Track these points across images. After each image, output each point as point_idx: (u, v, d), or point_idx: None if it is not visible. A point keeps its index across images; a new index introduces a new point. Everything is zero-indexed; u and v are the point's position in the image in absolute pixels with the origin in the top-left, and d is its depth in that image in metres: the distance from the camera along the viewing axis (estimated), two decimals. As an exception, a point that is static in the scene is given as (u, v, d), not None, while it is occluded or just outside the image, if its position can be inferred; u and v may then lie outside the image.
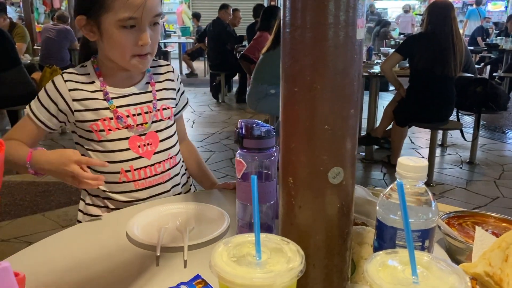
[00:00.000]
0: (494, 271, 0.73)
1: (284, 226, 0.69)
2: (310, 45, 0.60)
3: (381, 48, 6.79)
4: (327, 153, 0.63)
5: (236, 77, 7.62)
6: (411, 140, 5.36)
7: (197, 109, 7.00)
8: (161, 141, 1.33)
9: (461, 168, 4.46)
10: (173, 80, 1.40)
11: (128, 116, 1.27)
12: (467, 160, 4.59)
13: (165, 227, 1.04)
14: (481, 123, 6.26)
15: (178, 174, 1.40)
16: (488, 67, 8.77)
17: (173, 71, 1.42)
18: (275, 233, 0.71)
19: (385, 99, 6.46)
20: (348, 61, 0.60)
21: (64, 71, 1.27)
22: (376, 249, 0.70)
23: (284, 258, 0.59)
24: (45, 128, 1.26)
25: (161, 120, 1.33)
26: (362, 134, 4.77)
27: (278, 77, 1.48)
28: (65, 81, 1.24)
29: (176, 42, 10.90)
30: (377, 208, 0.67)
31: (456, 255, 0.92)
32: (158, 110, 1.32)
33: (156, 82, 1.35)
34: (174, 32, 12.02)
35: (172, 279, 0.87)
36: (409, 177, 0.63)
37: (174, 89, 1.40)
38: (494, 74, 7.99)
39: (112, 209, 1.31)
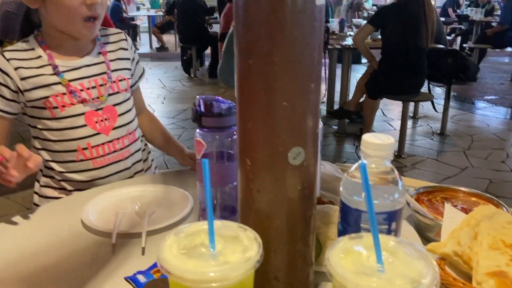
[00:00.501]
0: (463, 250, 0.70)
1: (243, 212, 0.64)
2: (266, 11, 0.53)
3: (353, 20, 6.71)
4: (286, 132, 0.57)
5: (208, 51, 7.44)
6: (383, 112, 5.38)
7: (168, 85, 6.83)
8: (119, 115, 1.25)
9: (432, 139, 4.51)
10: (126, 49, 1.31)
11: (82, 90, 1.18)
12: (438, 131, 4.65)
13: (122, 212, 0.98)
14: (452, 94, 6.35)
15: (138, 150, 1.33)
16: (459, 38, 8.84)
17: (126, 39, 1.33)
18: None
19: (358, 72, 6.44)
20: (307, 29, 0.54)
21: (4, 49, 1.16)
22: (340, 232, 0.66)
23: (241, 247, 0.54)
24: (8, 116, 1.16)
25: (118, 92, 1.25)
26: (335, 108, 4.76)
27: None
28: (8, 60, 1.13)
29: (145, 15, 10.55)
30: (341, 189, 0.62)
31: (425, 232, 0.89)
32: (114, 81, 1.24)
33: (108, 52, 1.26)
34: (143, 5, 11.61)
35: (129, 268, 0.81)
36: (375, 156, 0.59)
37: (129, 59, 1.31)
38: (464, 45, 8.07)
39: (70, 191, 1.24)
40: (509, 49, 8.69)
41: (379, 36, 4.11)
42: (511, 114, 5.55)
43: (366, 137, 0.60)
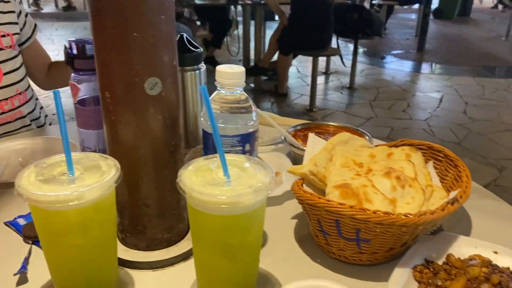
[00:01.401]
0: (319, 170, 0.79)
1: (109, 144, 0.67)
2: None
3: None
4: (140, 63, 0.60)
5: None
6: (297, 69, 5.54)
7: (78, 46, 6.45)
8: (5, 74, 1.19)
9: (341, 93, 4.75)
10: (8, 1, 1.24)
11: None
12: (347, 86, 4.90)
13: (5, 163, 0.97)
14: (363, 50, 6.66)
15: (32, 111, 1.29)
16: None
17: None
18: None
19: (272, 28, 6.51)
20: (151, -39, 0.56)
21: None
22: (205, 158, 0.71)
23: (99, 172, 0.57)
24: None
25: (1, 49, 1.19)
26: (250, 65, 4.81)
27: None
28: None
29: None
30: (201, 119, 0.67)
31: (300, 162, 0.98)
32: None
33: None
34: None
35: (10, 213, 0.82)
36: (227, 84, 0.64)
37: (13, 12, 1.24)
38: (373, 1, 8.40)
39: None
40: (416, 6, 9.17)
41: (289, -8, 4.17)
42: (415, 67, 5.96)
43: (219, 67, 0.64)
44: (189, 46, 0.98)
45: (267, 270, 0.69)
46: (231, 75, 0.63)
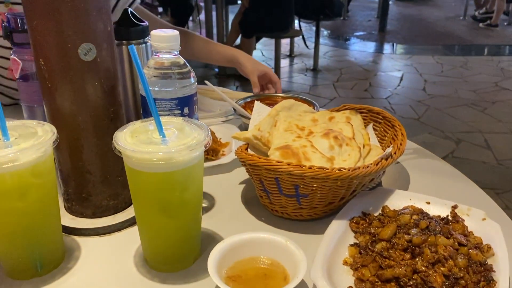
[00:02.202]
0: (262, 134, 0.81)
1: (48, 112, 0.67)
2: None
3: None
4: (72, 28, 0.60)
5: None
6: (262, 53, 5.55)
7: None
8: None
9: (305, 75, 4.79)
10: None
11: None
12: (311, 68, 4.95)
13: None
14: (327, 32, 6.72)
15: None
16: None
17: None
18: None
19: (234, 12, 6.49)
20: None
21: None
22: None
23: (34, 137, 0.58)
24: None
25: None
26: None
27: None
28: None
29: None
30: (139, 85, 0.68)
31: (250, 132, 1.01)
32: None
33: None
34: None
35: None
36: (162, 48, 0.65)
37: None
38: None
39: None
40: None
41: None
42: (376, 48, 6.07)
43: (154, 32, 0.65)
44: (134, 20, 0.98)
45: (212, 229, 0.72)
46: (165, 38, 0.64)
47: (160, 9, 6.07)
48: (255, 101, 0.91)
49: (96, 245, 0.69)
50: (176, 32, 0.65)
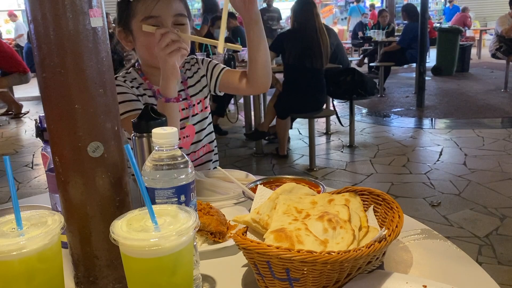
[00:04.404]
0: (261, 217, 0.85)
1: (62, 203, 0.75)
2: (48, 34, 0.66)
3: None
4: (82, 130, 0.70)
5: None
6: (299, 131, 5.69)
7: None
8: (196, 132, 1.46)
9: (342, 151, 4.83)
10: (199, 68, 1.48)
11: None
12: (348, 144, 4.99)
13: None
14: (365, 110, 6.84)
15: (209, 161, 1.52)
16: (366, 58, 9.53)
17: (197, 61, 1.50)
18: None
19: (271, 95, 6.77)
20: (86, 45, 0.68)
21: (116, 75, 1.34)
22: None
23: (44, 226, 0.65)
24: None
25: (196, 114, 1.46)
26: (251, 130, 4.97)
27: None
28: (124, 81, 1.35)
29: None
30: (144, 177, 0.75)
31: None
32: (194, 105, 1.45)
33: (188, 78, 1.47)
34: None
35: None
36: (161, 143, 0.73)
37: (204, 76, 1.48)
38: (371, 64, 8.72)
39: None
40: (414, 65, 9.46)
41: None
42: (414, 123, 6.06)
43: (154, 130, 0.74)
44: (153, 114, 1.09)
45: (208, 314, 0.74)
46: (164, 135, 0.73)
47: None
48: (258, 185, 0.97)
49: (99, 328, 0.73)
50: (175, 129, 0.73)
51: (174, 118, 1.25)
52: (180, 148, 1.39)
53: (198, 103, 1.48)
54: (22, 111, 7.27)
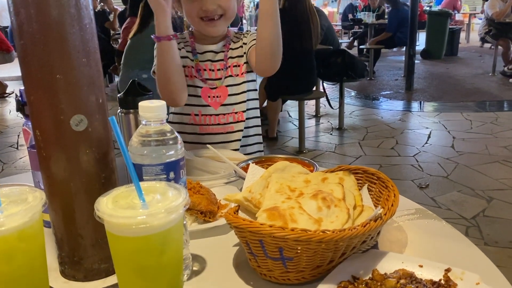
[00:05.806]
0: (253, 196, 0.83)
1: (44, 179, 0.71)
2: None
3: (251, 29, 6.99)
4: (64, 102, 0.66)
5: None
6: (288, 113, 5.66)
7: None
8: (229, 95, 1.46)
9: (331, 134, 4.82)
10: (245, 37, 1.48)
11: (205, 70, 1.45)
12: (337, 127, 4.98)
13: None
14: (354, 92, 6.82)
15: (241, 130, 1.48)
16: (356, 41, 9.47)
17: (246, 35, 1.50)
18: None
19: (260, 77, 6.71)
20: (69, 11, 0.63)
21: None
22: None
23: (23, 204, 0.61)
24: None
25: (230, 76, 1.46)
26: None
27: (149, 61, 1.55)
28: (178, 42, 1.43)
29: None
30: (131, 152, 0.72)
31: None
32: (229, 67, 1.45)
33: (230, 48, 1.47)
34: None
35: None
36: (149, 117, 0.69)
37: (245, 44, 1.46)
38: (361, 46, 8.67)
39: None
40: (404, 48, 9.44)
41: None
42: (403, 106, 6.07)
43: (141, 103, 0.70)
44: (140, 90, 1.05)
45: (198, 294, 0.72)
46: (152, 108, 0.69)
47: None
48: (250, 164, 0.94)
49: (85, 309, 0.70)
50: (162, 103, 0.70)
51: (168, 60, 1.29)
52: (208, 106, 1.44)
53: (234, 66, 1.46)
54: (7, 91, 7.11)
